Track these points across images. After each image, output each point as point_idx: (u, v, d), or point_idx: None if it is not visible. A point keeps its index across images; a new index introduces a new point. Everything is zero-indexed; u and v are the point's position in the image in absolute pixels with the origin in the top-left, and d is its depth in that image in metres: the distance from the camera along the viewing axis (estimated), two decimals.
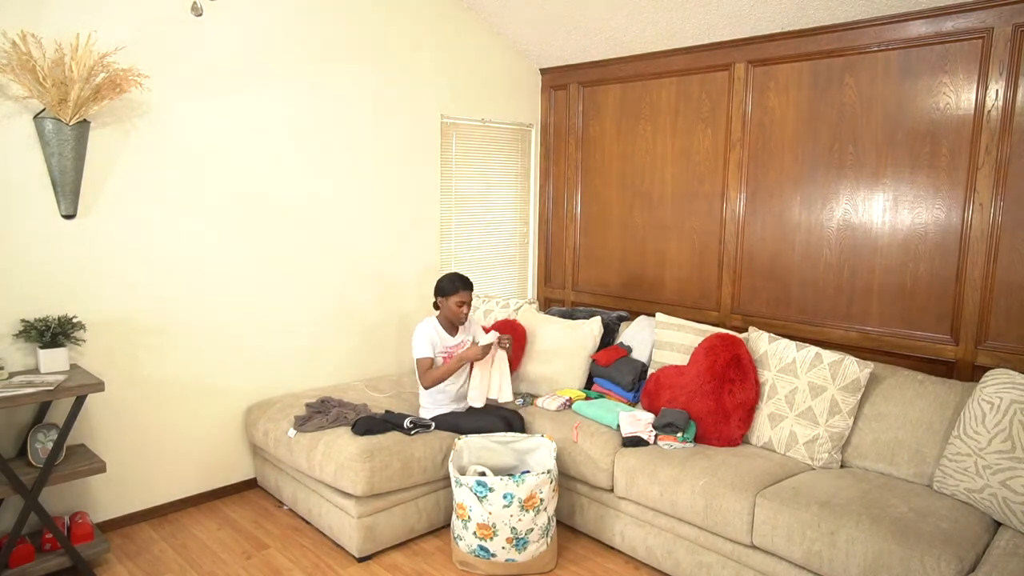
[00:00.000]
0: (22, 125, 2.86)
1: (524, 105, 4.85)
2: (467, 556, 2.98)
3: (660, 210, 4.31)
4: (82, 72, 2.79)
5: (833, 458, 2.96)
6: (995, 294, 3.11)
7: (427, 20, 4.20)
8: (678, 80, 4.15)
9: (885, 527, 2.38)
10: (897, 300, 3.39)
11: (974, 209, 3.13)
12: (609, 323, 3.97)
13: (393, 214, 4.20)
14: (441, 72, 4.32)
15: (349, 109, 3.91)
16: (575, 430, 3.28)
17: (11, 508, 2.98)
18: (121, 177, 3.15)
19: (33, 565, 2.77)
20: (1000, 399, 2.60)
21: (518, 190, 4.96)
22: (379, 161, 4.09)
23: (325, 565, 3.07)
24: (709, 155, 4.04)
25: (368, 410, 3.44)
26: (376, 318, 4.20)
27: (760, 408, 3.17)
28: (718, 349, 3.24)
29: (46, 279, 2.99)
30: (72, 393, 2.73)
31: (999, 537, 2.41)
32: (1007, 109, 3.01)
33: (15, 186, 2.88)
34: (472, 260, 4.72)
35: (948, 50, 3.14)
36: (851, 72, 3.44)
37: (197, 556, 3.11)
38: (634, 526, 3.09)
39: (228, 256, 3.53)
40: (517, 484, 2.85)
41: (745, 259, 3.94)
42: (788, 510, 2.57)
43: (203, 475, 3.59)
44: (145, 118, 3.20)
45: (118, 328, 3.21)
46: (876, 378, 3.07)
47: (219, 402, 3.59)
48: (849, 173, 3.49)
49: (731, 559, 2.77)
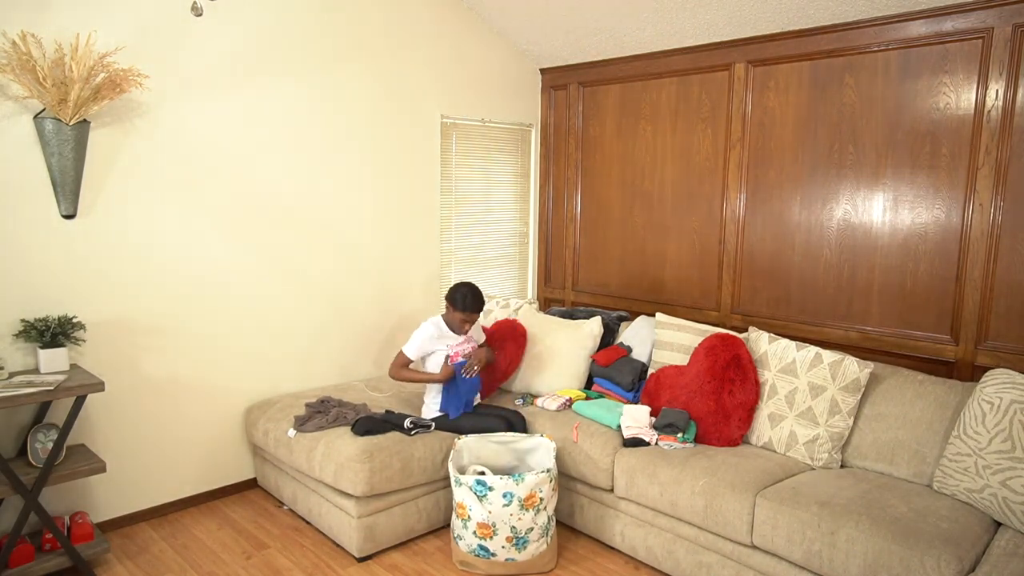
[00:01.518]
0: (22, 125, 2.86)
1: (524, 105, 4.85)
2: (467, 556, 2.98)
3: (660, 210, 4.31)
4: (82, 72, 2.79)
5: (833, 458, 2.96)
6: (995, 294, 3.11)
7: (427, 20, 4.20)
8: (678, 80, 4.15)
9: (885, 527, 2.38)
10: (897, 300, 3.39)
11: (974, 209, 3.13)
12: (609, 323, 3.97)
13: (393, 214, 4.20)
14: (441, 72, 4.32)
15: (349, 109, 3.91)
16: (575, 430, 3.28)
17: (11, 508, 2.98)
18: (121, 177, 3.15)
19: (33, 565, 2.77)
20: (1000, 399, 2.60)
21: (518, 190, 4.96)
22: (379, 161, 4.09)
23: (325, 565, 3.07)
24: (709, 155, 4.04)
25: (368, 410, 3.44)
26: (376, 318, 4.20)
27: (760, 408, 3.17)
28: (718, 349, 3.24)
29: (46, 279, 2.99)
30: (72, 393, 2.73)
31: (999, 537, 2.41)
32: (1007, 109, 3.01)
33: (15, 186, 2.88)
34: (472, 260, 4.72)
35: (948, 50, 3.14)
36: (851, 72, 3.44)
37: (197, 556, 3.11)
38: (634, 526, 3.09)
39: (228, 256, 3.53)
40: (517, 483, 2.85)
41: (745, 259, 3.94)
42: (788, 510, 2.57)
43: (203, 475, 3.59)
44: (145, 118, 3.20)
45: (118, 328, 3.21)
46: (876, 378, 3.07)
47: (219, 402, 3.59)
48: (849, 173, 3.49)
49: (731, 559, 2.77)
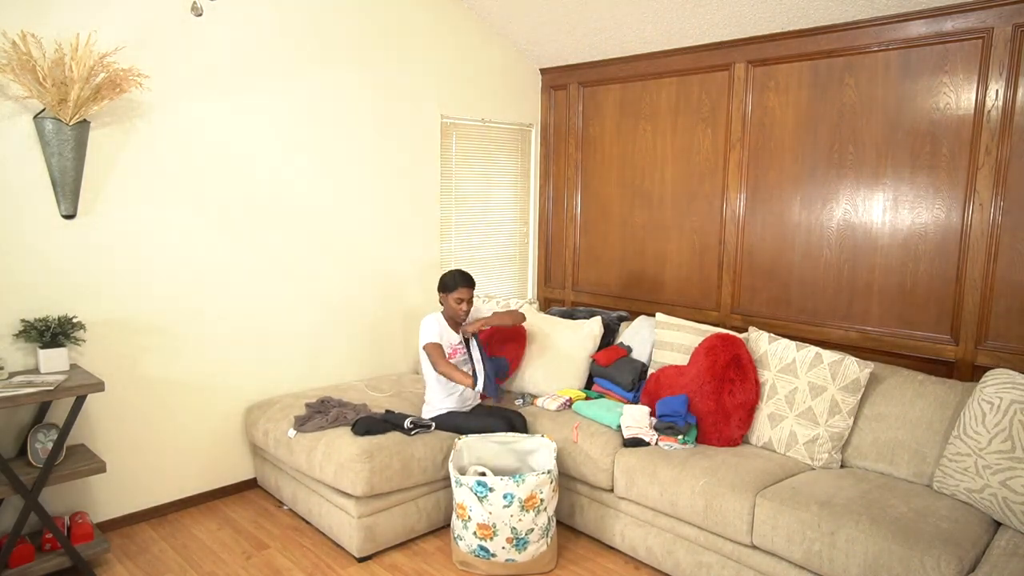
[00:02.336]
0: (22, 125, 2.86)
1: (524, 105, 4.85)
2: (467, 556, 2.98)
3: (660, 210, 4.31)
4: (82, 72, 2.79)
5: (833, 458, 2.96)
6: (995, 294, 3.11)
7: (427, 20, 4.20)
8: (678, 80, 4.15)
9: (885, 527, 2.38)
10: (897, 300, 3.39)
11: (974, 209, 3.13)
12: (609, 323, 3.97)
13: (393, 214, 4.20)
14: (441, 72, 4.32)
15: (349, 109, 3.91)
16: (575, 430, 3.28)
17: (11, 508, 2.98)
18: (121, 177, 3.15)
19: (33, 565, 2.77)
20: (1000, 399, 2.60)
21: (518, 190, 4.96)
22: (379, 161, 4.09)
23: (325, 565, 3.07)
24: (709, 155, 4.04)
25: (368, 410, 3.44)
26: (376, 318, 4.19)
27: (760, 408, 3.17)
28: (718, 349, 3.24)
29: (46, 279, 2.99)
30: (72, 393, 2.73)
31: (999, 537, 2.41)
32: (1007, 109, 3.01)
33: (15, 186, 2.88)
34: (472, 260, 4.72)
35: (948, 50, 3.14)
36: (851, 72, 3.44)
37: (197, 556, 3.11)
38: (634, 526, 3.09)
39: (228, 255, 3.53)
40: (517, 484, 2.85)
41: (745, 259, 3.94)
42: (788, 510, 2.57)
43: (203, 475, 3.59)
44: (145, 118, 3.19)
45: (118, 328, 3.21)
46: (876, 378, 3.07)
47: (219, 402, 3.59)
48: (849, 173, 3.49)
49: (731, 559, 2.77)
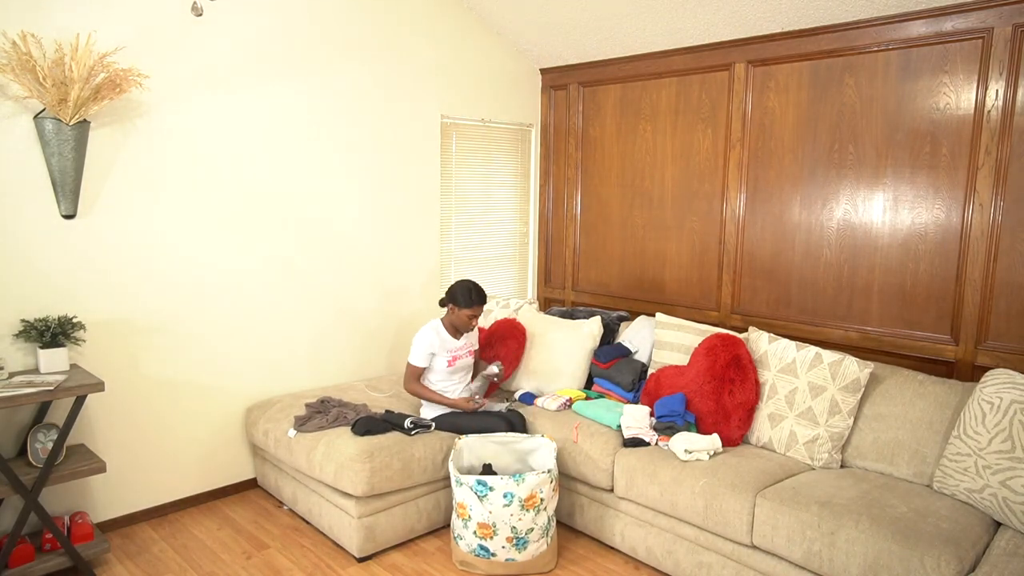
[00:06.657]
0: (22, 125, 2.86)
1: (524, 105, 4.85)
2: (467, 556, 2.98)
3: (660, 210, 4.31)
4: (82, 72, 2.79)
5: (833, 458, 2.96)
6: (995, 294, 3.11)
7: (427, 20, 4.20)
8: (678, 80, 4.15)
9: (885, 527, 2.38)
10: (897, 300, 3.39)
11: (974, 209, 3.13)
12: (609, 323, 3.97)
13: (393, 214, 4.20)
14: (441, 72, 4.32)
15: (349, 109, 3.91)
16: (575, 430, 3.28)
17: (11, 508, 2.98)
18: (121, 177, 3.15)
19: (33, 565, 2.77)
20: (1000, 399, 2.60)
21: (518, 190, 4.96)
22: (379, 161, 4.09)
23: (325, 565, 3.07)
24: (709, 155, 4.04)
25: (368, 410, 3.44)
26: (376, 317, 4.20)
27: (760, 408, 3.17)
28: (718, 349, 3.24)
29: (46, 279, 2.99)
30: (72, 393, 2.73)
31: (999, 537, 2.41)
32: (1007, 109, 3.01)
33: (15, 186, 2.88)
34: (472, 260, 4.72)
35: (948, 50, 3.14)
36: (851, 72, 3.44)
37: (197, 556, 3.11)
38: (634, 526, 3.09)
39: (228, 255, 3.53)
40: (517, 483, 2.85)
41: (745, 259, 3.94)
42: (788, 510, 2.57)
43: (203, 475, 3.59)
44: (145, 118, 3.20)
45: (118, 328, 3.21)
46: (876, 378, 3.07)
47: (219, 402, 3.59)
48: (849, 173, 3.49)
49: (731, 559, 2.77)
